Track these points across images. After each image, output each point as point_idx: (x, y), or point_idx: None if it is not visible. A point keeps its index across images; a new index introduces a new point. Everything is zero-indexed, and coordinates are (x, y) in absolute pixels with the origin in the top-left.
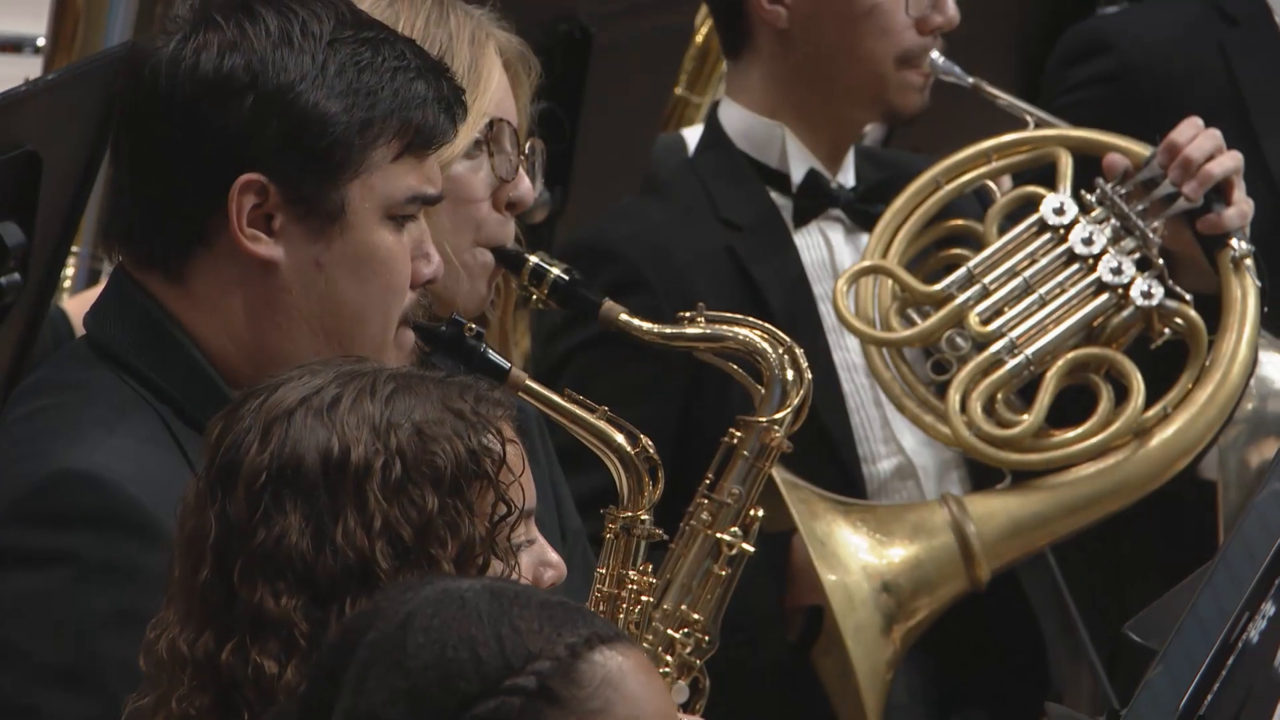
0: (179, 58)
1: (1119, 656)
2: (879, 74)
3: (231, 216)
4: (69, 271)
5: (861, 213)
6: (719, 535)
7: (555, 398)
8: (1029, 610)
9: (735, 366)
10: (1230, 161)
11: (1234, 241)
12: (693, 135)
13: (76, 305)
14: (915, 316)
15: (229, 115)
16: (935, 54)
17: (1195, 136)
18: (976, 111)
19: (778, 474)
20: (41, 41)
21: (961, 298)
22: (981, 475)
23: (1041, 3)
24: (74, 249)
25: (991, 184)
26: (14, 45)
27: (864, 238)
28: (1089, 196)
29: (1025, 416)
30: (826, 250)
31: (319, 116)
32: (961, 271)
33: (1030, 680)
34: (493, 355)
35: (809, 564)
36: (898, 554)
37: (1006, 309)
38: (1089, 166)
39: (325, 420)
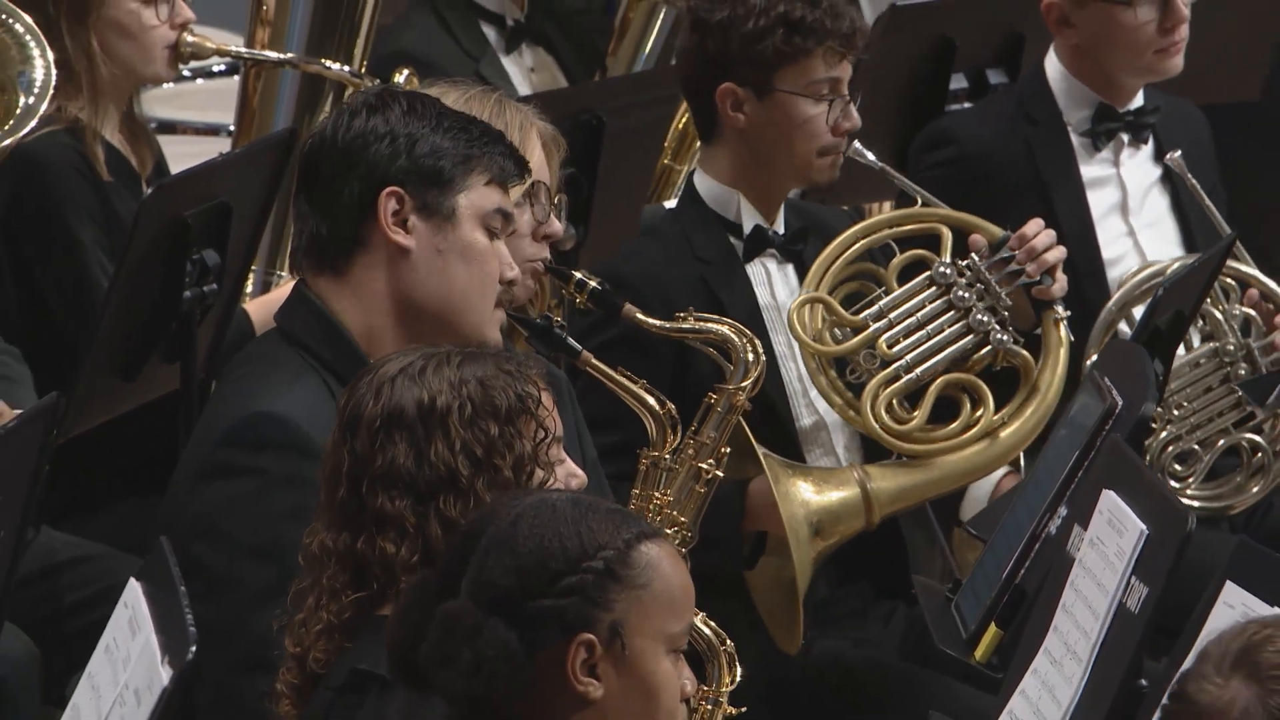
0: (339, 122)
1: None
2: (806, 162)
3: (380, 217)
4: (250, 283)
5: (788, 250)
6: (700, 464)
7: (610, 371)
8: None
9: (713, 350)
10: (1059, 253)
11: (1056, 306)
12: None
13: (254, 307)
14: (839, 334)
15: (376, 151)
16: (856, 143)
17: (1039, 233)
18: (865, 181)
19: (758, 447)
20: (231, 127)
21: (874, 327)
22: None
23: (906, 109)
24: (253, 268)
25: (893, 243)
26: (212, 130)
27: (789, 268)
28: (963, 264)
29: (915, 415)
30: (766, 278)
31: (437, 149)
32: (875, 308)
33: (897, 561)
34: (571, 341)
35: (766, 505)
36: (826, 499)
37: (904, 339)
38: (956, 234)
39: (417, 381)
